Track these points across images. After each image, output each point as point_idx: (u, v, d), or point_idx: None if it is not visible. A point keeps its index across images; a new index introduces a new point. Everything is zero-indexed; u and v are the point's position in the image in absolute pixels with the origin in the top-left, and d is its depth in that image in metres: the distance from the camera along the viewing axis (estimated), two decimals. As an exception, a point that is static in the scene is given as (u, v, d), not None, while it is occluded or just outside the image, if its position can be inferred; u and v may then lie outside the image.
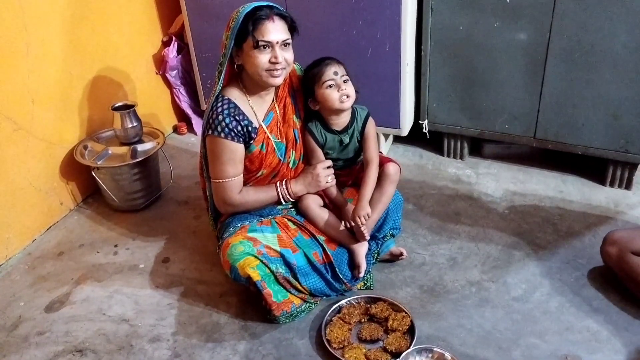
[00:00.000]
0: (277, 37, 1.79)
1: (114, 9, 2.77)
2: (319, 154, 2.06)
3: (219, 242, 2.00)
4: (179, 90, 3.21)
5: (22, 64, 2.32)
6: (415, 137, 2.92)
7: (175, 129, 3.33)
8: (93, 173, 2.50)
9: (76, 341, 1.94)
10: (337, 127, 2.04)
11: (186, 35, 2.99)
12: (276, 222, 2.01)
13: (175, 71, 3.15)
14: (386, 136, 2.92)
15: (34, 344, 1.94)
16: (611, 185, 2.59)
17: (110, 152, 2.57)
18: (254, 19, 1.77)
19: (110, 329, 1.98)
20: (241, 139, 1.89)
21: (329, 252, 2.01)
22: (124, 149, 2.58)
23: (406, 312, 1.90)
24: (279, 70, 1.82)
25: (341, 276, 2.00)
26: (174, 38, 3.11)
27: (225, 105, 1.86)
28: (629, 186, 2.57)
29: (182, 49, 3.14)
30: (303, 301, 1.96)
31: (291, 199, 2.04)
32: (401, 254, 2.17)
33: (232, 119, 1.85)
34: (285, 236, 1.98)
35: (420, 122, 2.81)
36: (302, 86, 2.02)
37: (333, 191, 2.10)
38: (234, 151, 1.89)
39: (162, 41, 3.14)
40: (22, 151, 2.37)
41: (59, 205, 2.60)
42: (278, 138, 1.98)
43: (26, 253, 2.40)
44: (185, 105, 3.25)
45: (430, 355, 1.76)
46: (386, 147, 2.95)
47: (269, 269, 1.86)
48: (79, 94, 2.64)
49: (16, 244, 2.39)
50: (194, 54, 3.01)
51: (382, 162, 2.08)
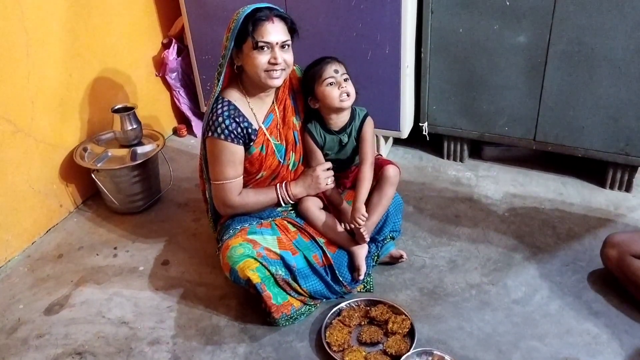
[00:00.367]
0: (276, 38, 1.79)
1: (114, 11, 2.77)
2: (318, 155, 2.06)
3: (218, 245, 2.00)
4: (178, 92, 3.21)
5: (22, 66, 2.32)
6: (415, 140, 2.92)
7: (175, 131, 3.33)
8: (93, 175, 2.50)
9: (75, 344, 1.94)
10: (336, 127, 2.04)
11: (186, 37, 2.99)
12: (276, 225, 2.01)
13: (175, 73, 3.15)
14: (386, 138, 2.92)
15: (33, 346, 1.94)
16: (611, 187, 2.59)
17: (110, 154, 2.57)
18: (253, 20, 1.77)
19: (110, 331, 1.98)
20: (241, 141, 1.89)
21: (328, 255, 2.01)
22: (123, 151, 2.58)
23: (406, 315, 1.90)
24: (278, 71, 1.82)
25: (341, 279, 2.00)
26: (173, 40, 3.11)
27: (225, 107, 1.87)
28: (629, 189, 2.57)
29: (182, 51, 3.14)
30: (303, 304, 1.96)
31: (291, 201, 2.04)
32: (401, 256, 2.17)
33: (232, 120, 1.85)
34: (285, 238, 1.98)
35: (420, 124, 2.81)
36: (302, 85, 2.02)
37: (333, 193, 2.10)
38: (234, 153, 1.89)
39: (162, 43, 3.14)
40: (21, 153, 2.37)
41: (58, 207, 2.59)
42: (278, 140, 1.98)
43: (25, 255, 2.40)
44: (185, 108, 3.25)
45: (430, 358, 1.76)
46: (386, 150, 2.95)
47: (269, 271, 1.86)
48: (78, 96, 2.64)
49: (15, 246, 2.39)
50: (193, 56, 3.01)
51: (381, 165, 2.08)
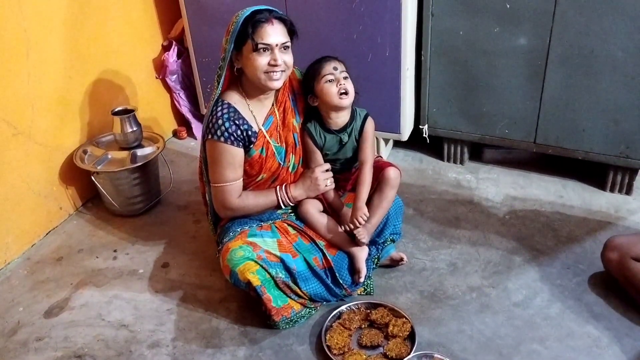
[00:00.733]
0: (276, 40, 1.79)
1: (114, 13, 2.77)
2: (317, 156, 2.06)
3: (218, 247, 1.99)
4: (178, 94, 3.21)
5: (22, 69, 2.32)
6: (416, 142, 2.92)
7: (175, 134, 3.33)
8: (92, 178, 2.50)
9: (75, 347, 1.93)
10: (335, 126, 2.03)
11: (186, 39, 2.99)
12: (276, 227, 2.01)
13: (175, 75, 3.15)
14: (386, 141, 2.92)
15: (32, 349, 1.94)
16: (611, 190, 2.58)
17: (109, 156, 2.57)
18: (253, 22, 1.78)
19: (110, 334, 1.98)
20: (241, 143, 1.88)
21: (329, 257, 2.01)
22: (123, 154, 2.57)
23: (406, 318, 1.89)
24: (278, 72, 1.82)
25: (341, 281, 2.00)
26: (174, 42, 3.11)
27: (225, 110, 1.86)
28: (629, 191, 2.56)
29: (182, 54, 3.14)
30: (303, 306, 1.96)
31: (291, 204, 2.04)
32: (401, 259, 2.17)
33: (231, 123, 1.85)
34: (285, 241, 1.97)
35: (421, 126, 2.81)
36: (303, 83, 2.02)
37: (332, 195, 2.10)
38: (234, 155, 1.89)
39: (162, 45, 3.14)
40: (21, 155, 2.37)
41: (58, 209, 2.59)
42: (278, 142, 1.98)
43: (25, 258, 2.40)
44: (185, 110, 3.25)
45: (431, 361, 1.76)
46: (386, 152, 2.95)
47: (269, 273, 1.86)
48: (78, 98, 2.63)
49: (15, 248, 2.39)
50: (194, 58, 3.01)
51: (382, 167, 2.08)
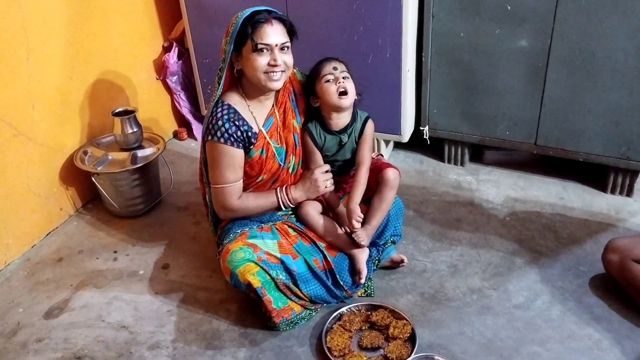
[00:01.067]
0: (275, 40, 1.79)
1: (114, 14, 2.77)
2: (317, 157, 2.05)
3: (219, 249, 1.99)
4: (179, 95, 3.21)
5: (23, 69, 2.32)
6: (416, 144, 2.92)
7: (176, 135, 3.33)
8: (93, 179, 2.50)
9: (75, 348, 1.93)
10: (336, 127, 2.03)
11: (187, 40, 2.99)
12: (276, 229, 2.00)
13: (175, 77, 3.15)
14: (387, 142, 2.92)
15: (32, 350, 1.93)
16: (612, 192, 2.58)
17: (110, 157, 2.57)
18: (252, 23, 1.78)
19: (110, 335, 1.97)
20: (241, 144, 1.88)
21: (329, 259, 2.00)
22: (124, 155, 2.57)
23: (407, 320, 1.89)
24: (278, 73, 1.82)
25: (342, 283, 2.00)
26: (174, 43, 3.11)
27: (225, 111, 1.86)
28: (630, 193, 2.56)
29: (183, 55, 3.14)
30: (303, 308, 1.96)
31: (291, 205, 2.04)
32: (402, 260, 2.17)
33: (231, 124, 1.85)
34: (286, 242, 1.97)
35: (421, 128, 2.81)
36: (306, 85, 2.03)
37: (332, 197, 2.09)
38: (234, 156, 1.89)
39: (163, 47, 3.14)
40: (22, 156, 2.36)
41: (58, 210, 2.59)
42: (278, 143, 1.98)
43: (25, 259, 2.39)
44: (185, 111, 3.25)
45: (432, 363, 1.76)
46: (387, 153, 2.95)
47: (269, 275, 1.85)
48: (79, 99, 2.63)
49: (15, 249, 2.39)
50: (194, 59, 3.01)
51: (381, 167, 2.08)
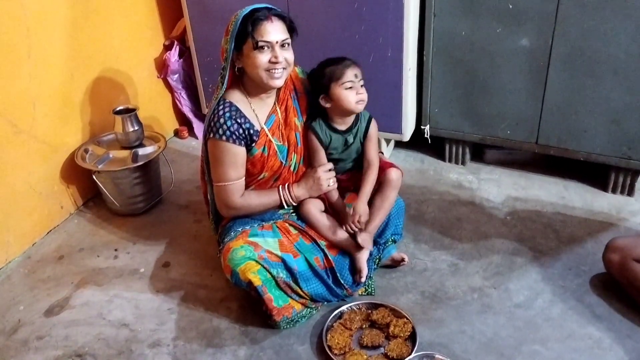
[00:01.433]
0: (276, 37, 1.79)
1: (115, 12, 2.77)
2: (321, 155, 2.05)
3: (219, 247, 1.99)
4: (180, 94, 3.21)
5: (24, 67, 2.32)
6: (417, 143, 2.92)
7: (176, 133, 3.33)
8: (94, 177, 2.50)
9: (76, 345, 1.93)
10: (341, 126, 2.04)
11: (188, 39, 2.99)
12: (277, 227, 2.01)
13: (176, 75, 3.15)
14: (388, 141, 2.92)
15: (33, 348, 1.94)
16: (613, 191, 2.58)
17: (111, 155, 2.57)
18: (252, 20, 1.77)
19: (110, 333, 1.98)
20: (242, 142, 1.88)
21: (330, 257, 2.00)
22: (125, 153, 2.57)
23: (407, 318, 1.89)
24: (280, 70, 1.82)
25: (342, 281, 2.00)
26: (175, 42, 3.11)
27: (227, 108, 1.86)
28: (631, 193, 2.56)
29: (184, 53, 3.14)
30: (304, 306, 1.96)
31: (293, 203, 2.04)
32: (403, 259, 2.17)
33: (233, 121, 1.85)
34: (287, 241, 1.97)
35: (422, 127, 2.80)
36: (315, 80, 2.00)
37: (334, 195, 2.09)
38: (236, 154, 1.88)
39: (164, 45, 3.14)
40: (23, 154, 2.37)
41: (59, 208, 2.59)
42: (280, 141, 1.98)
43: (26, 257, 2.40)
44: (186, 109, 3.25)
45: (432, 361, 1.76)
46: (387, 153, 2.95)
47: (270, 273, 1.85)
48: (80, 97, 2.64)
49: (16, 247, 2.39)
50: (195, 58, 3.01)
51: (383, 167, 2.08)
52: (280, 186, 2.01)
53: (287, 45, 1.83)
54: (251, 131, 1.89)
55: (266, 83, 1.83)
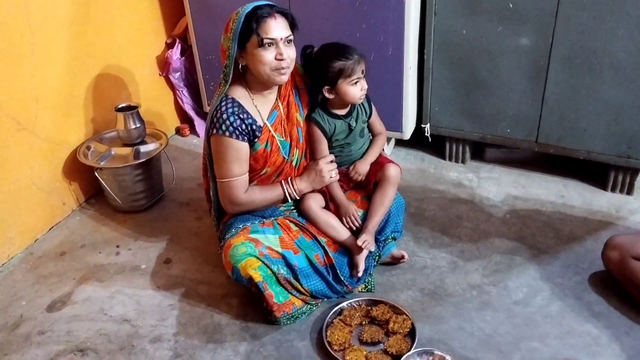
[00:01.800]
0: (280, 34, 1.79)
1: (118, 10, 2.78)
2: (323, 147, 2.05)
3: (220, 243, 2.00)
4: (182, 92, 3.22)
5: (27, 65, 2.33)
6: (417, 141, 2.92)
7: (178, 131, 3.33)
8: (96, 174, 2.51)
9: (77, 341, 1.95)
10: (342, 112, 2.05)
11: (190, 37, 3.00)
12: (278, 224, 2.01)
13: (178, 73, 3.16)
14: (388, 139, 2.92)
15: (35, 343, 1.95)
16: (613, 190, 2.59)
17: (113, 152, 2.58)
18: (256, 18, 1.77)
19: (112, 329, 1.99)
20: (245, 138, 1.89)
21: (330, 254, 2.02)
22: (127, 150, 2.58)
23: (407, 315, 1.90)
24: (285, 68, 1.83)
25: (342, 278, 2.00)
26: (177, 40, 3.12)
27: (230, 104, 1.87)
28: (630, 191, 2.57)
29: (186, 51, 3.15)
30: (304, 303, 1.97)
31: (297, 197, 2.04)
32: (402, 257, 2.18)
33: (236, 117, 1.85)
34: (287, 237, 1.98)
35: (423, 125, 2.81)
36: (319, 69, 1.97)
37: (336, 189, 2.10)
38: (239, 150, 1.89)
39: (166, 43, 3.15)
40: (25, 151, 2.38)
41: (61, 205, 2.60)
42: (282, 136, 1.99)
43: (28, 253, 2.41)
44: (188, 107, 3.26)
45: (431, 358, 1.76)
46: (388, 151, 2.95)
47: (271, 270, 1.86)
48: (82, 94, 2.65)
49: (18, 243, 2.40)
50: (197, 56, 3.02)
51: (382, 164, 2.09)
52: (283, 180, 2.02)
53: (290, 42, 1.84)
54: (254, 127, 1.90)
55: (272, 80, 1.84)
